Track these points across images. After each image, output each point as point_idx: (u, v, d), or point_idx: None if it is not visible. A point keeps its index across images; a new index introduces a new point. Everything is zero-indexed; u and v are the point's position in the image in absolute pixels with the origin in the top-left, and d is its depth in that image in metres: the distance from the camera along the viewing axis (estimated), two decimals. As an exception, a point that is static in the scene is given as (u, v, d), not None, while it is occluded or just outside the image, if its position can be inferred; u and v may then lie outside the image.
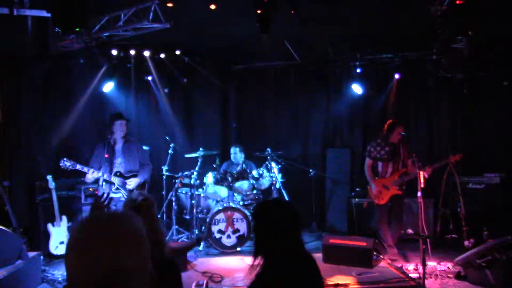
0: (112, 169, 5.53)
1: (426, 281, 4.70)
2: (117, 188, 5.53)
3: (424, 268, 4.48)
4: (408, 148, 5.98)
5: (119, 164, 5.62)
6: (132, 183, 5.59)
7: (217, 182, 6.65)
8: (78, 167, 5.34)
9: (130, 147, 5.72)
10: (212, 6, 5.31)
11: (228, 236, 6.25)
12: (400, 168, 5.94)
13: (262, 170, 6.81)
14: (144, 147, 7.31)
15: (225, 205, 6.39)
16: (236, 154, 7.23)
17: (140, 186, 5.71)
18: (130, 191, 5.58)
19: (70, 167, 5.30)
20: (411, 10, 5.78)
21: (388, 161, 5.93)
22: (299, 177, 7.72)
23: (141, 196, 2.73)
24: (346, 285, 4.67)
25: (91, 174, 5.38)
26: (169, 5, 5.43)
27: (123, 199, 5.57)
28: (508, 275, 4.73)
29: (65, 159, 5.31)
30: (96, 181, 5.61)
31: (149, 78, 7.81)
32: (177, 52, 7.62)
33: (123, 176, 5.59)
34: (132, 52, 7.23)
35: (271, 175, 6.80)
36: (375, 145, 6.01)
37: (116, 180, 5.53)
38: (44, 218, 6.19)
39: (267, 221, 2.28)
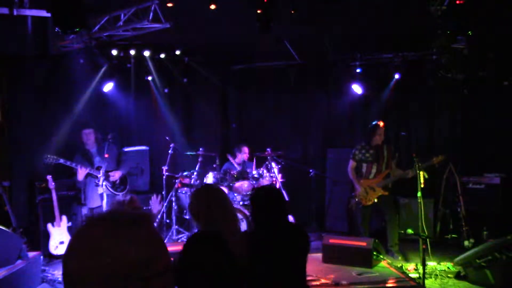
0: (93, 165, 5.72)
1: (426, 281, 4.70)
2: (102, 181, 5.67)
3: (424, 268, 4.48)
4: (392, 150, 6.13)
5: (98, 162, 5.80)
6: (115, 175, 5.86)
7: (217, 182, 6.65)
8: (61, 161, 5.56)
9: (104, 149, 5.90)
10: (212, 6, 5.31)
11: (228, 236, 6.25)
12: (384, 169, 6.07)
13: (262, 170, 6.80)
14: (144, 147, 7.36)
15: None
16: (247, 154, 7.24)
17: (122, 179, 5.97)
18: (114, 182, 5.86)
19: (54, 161, 5.52)
20: (411, 10, 5.78)
21: (373, 163, 6.10)
22: (299, 177, 7.71)
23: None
24: (346, 285, 4.67)
25: (81, 170, 5.61)
26: (169, 5, 5.43)
27: (108, 192, 5.78)
28: (508, 275, 4.73)
29: (48, 155, 5.52)
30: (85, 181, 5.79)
31: (149, 78, 7.81)
32: (177, 52, 7.62)
33: (106, 170, 5.74)
34: (132, 52, 7.23)
35: (271, 175, 6.79)
36: (360, 148, 6.20)
37: (98, 173, 5.67)
38: (44, 218, 6.18)
39: (258, 203, 3.03)
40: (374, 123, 6.19)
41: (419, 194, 5.72)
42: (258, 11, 5.05)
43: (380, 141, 6.10)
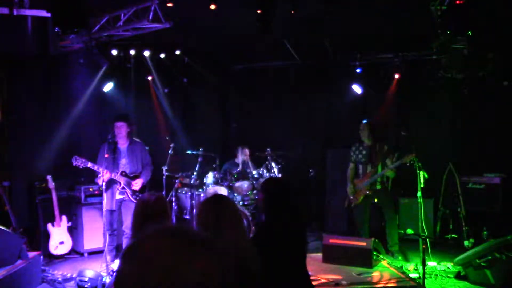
0: (118, 169, 5.57)
1: (426, 281, 4.70)
2: (123, 188, 5.56)
3: (424, 268, 4.48)
4: (384, 148, 6.08)
5: (124, 165, 5.66)
6: (138, 184, 5.65)
7: (217, 182, 6.65)
8: (89, 165, 5.39)
9: (134, 149, 5.77)
10: (212, 6, 5.31)
11: (228, 236, 6.24)
12: (380, 169, 6.04)
13: (262, 170, 6.80)
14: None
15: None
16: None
17: (142, 188, 5.74)
18: (134, 191, 5.62)
19: (82, 164, 5.34)
20: (411, 10, 5.78)
21: (367, 164, 6.11)
22: (299, 177, 7.71)
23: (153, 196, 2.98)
24: (346, 285, 4.67)
25: (105, 175, 5.36)
26: (169, 5, 5.43)
27: (126, 199, 5.63)
28: (508, 275, 4.73)
29: (76, 156, 5.35)
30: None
31: (149, 78, 7.80)
32: (177, 52, 7.62)
33: (128, 177, 5.62)
34: (132, 52, 7.23)
35: (271, 175, 6.79)
36: (354, 149, 6.26)
37: (122, 179, 5.55)
38: (44, 218, 6.18)
39: (269, 192, 3.18)
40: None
41: (419, 194, 5.72)
42: (258, 11, 5.04)
43: (365, 137, 6.12)
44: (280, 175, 6.92)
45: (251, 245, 2.55)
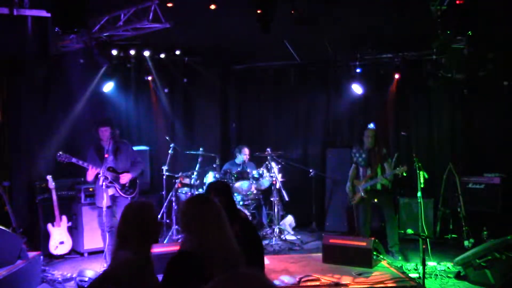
0: (105, 165, 5.66)
1: (426, 281, 4.70)
2: (111, 182, 5.65)
3: (424, 268, 4.48)
4: (382, 152, 6.11)
5: (111, 161, 5.74)
6: (125, 177, 5.76)
7: (217, 182, 6.65)
8: (74, 160, 5.49)
9: (120, 148, 5.89)
10: (212, 6, 5.31)
11: (228, 236, 6.23)
12: (379, 173, 6.06)
13: (262, 170, 6.80)
14: (144, 147, 7.35)
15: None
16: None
17: (132, 182, 5.85)
18: (123, 185, 5.73)
19: (66, 160, 5.46)
20: (411, 10, 5.78)
21: (366, 167, 6.15)
22: (299, 177, 7.71)
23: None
24: (346, 285, 4.67)
25: (91, 170, 5.52)
26: (169, 5, 5.43)
27: (117, 194, 5.74)
28: (508, 275, 4.73)
29: (60, 152, 5.46)
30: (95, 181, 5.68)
31: (149, 78, 7.80)
32: (177, 52, 7.62)
33: (116, 171, 5.68)
34: (132, 52, 7.23)
35: (271, 175, 6.79)
36: (355, 151, 6.31)
37: (109, 175, 5.65)
38: (44, 218, 6.19)
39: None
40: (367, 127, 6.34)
41: (419, 194, 5.72)
42: (258, 11, 5.04)
43: (371, 144, 6.12)
44: (280, 175, 6.93)
45: (236, 246, 2.42)
